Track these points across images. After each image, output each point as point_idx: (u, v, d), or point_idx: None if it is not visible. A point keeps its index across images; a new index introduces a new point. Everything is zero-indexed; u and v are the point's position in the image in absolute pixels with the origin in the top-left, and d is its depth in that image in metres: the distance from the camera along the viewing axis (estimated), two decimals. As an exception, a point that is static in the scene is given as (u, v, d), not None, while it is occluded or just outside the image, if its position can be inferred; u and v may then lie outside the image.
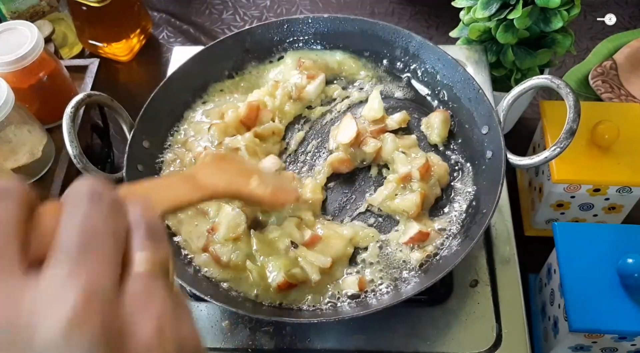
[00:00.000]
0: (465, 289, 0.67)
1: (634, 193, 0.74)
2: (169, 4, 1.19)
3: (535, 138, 0.86)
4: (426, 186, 0.69)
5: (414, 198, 0.68)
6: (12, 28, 0.81)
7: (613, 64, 0.95)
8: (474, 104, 0.73)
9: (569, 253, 0.66)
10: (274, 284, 0.63)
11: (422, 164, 0.69)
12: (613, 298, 0.63)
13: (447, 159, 0.74)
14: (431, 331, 0.65)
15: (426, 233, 0.66)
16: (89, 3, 0.96)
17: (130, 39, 1.07)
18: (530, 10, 0.77)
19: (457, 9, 0.87)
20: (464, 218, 0.69)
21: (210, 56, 0.79)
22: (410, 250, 0.66)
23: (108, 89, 0.74)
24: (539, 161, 0.65)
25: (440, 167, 0.71)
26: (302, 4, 1.18)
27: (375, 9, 1.15)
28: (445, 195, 0.71)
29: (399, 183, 0.69)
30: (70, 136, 0.66)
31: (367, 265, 0.66)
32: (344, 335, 0.65)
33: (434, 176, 0.70)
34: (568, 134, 0.63)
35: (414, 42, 0.78)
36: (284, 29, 0.82)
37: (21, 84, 0.81)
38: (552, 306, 0.70)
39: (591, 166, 0.74)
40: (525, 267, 0.70)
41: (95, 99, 0.70)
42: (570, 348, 0.68)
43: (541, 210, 0.80)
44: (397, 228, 0.69)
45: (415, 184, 0.69)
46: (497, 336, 0.64)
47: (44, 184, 0.80)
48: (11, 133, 0.76)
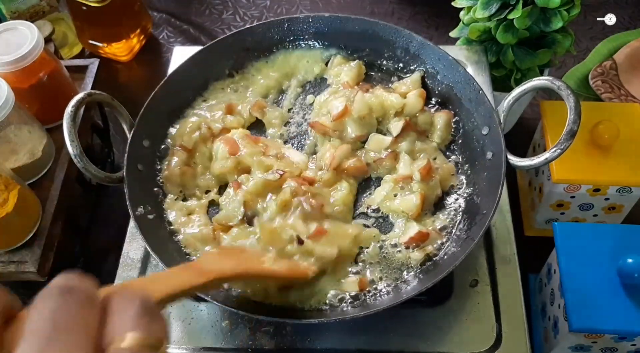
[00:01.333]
0: (466, 289, 0.67)
1: (634, 193, 0.74)
2: (169, 4, 1.19)
3: (536, 138, 0.86)
4: (426, 187, 0.69)
5: (414, 199, 0.68)
6: (12, 28, 0.81)
7: (613, 64, 0.95)
8: (474, 104, 0.73)
9: (569, 253, 0.66)
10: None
11: (423, 165, 0.69)
12: (613, 298, 0.63)
13: (447, 160, 0.74)
14: (431, 331, 0.65)
15: (426, 234, 0.66)
16: (89, 3, 0.96)
17: (130, 39, 1.07)
18: (530, 10, 0.77)
19: (457, 9, 0.87)
20: (464, 218, 0.69)
21: (210, 55, 0.80)
22: (410, 250, 0.66)
23: (108, 89, 0.74)
24: (539, 163, 0.65)
25: (445, 169, 0.71)
26: (302, 4, 1.18)
27: (375, 9, 1.15)
28: (445, 196, 0.71)
29: (396, 183, 0.69)
30: (70, 135, 0.66)
31: (368, 265, 0.66)
32: (345, 335, 0.65)
33: (435, 178, 0.70)
34: (569, 136, 0.63)
35: (415, 42, 0.78)
36: (285, 28, 0.82)
37: (21, 84, 0.81)
38: (552, 306, 0.70)
39: (591, 166, 0.74)
40: (525, 267, 0.70)
41: (96, 98, 0.70)
42: (570, 348, 0.68)
43: (541, 210, 0.80)
44: (396, 228, 0.69)
45: (415, 185, 0.69)
46: (497, 336, 0.64)
47: (44, 184, 0.80)
48: (11, 132, 0.76)
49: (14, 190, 0.72)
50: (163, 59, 1.10)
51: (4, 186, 0.71)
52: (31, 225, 0.75)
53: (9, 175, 0.72)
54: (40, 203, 0.77)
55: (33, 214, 0.76)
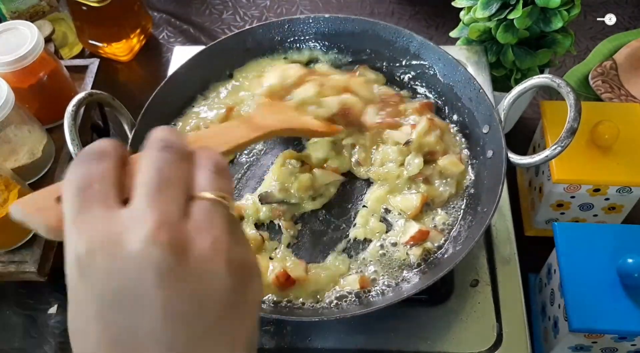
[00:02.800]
0: (466, 289, 0.67)
1: (634, 193, 0.74)
2: (169, 4, 1.19)
3: (536, 138, 0.86)
4: (431, 189, 0.69)
5: (414, 199, 0.68)
6: (12, 28, 0.81)
7: (613, 64, 0.95)
8: (474, 103, 0.73)
9: (569, 253, 0.66)
10: (272, 276, 0.63)
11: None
12: (613, 298, 0.63)
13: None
14: (432, 330, 0.65)
15: (426, 232, 0.66)
16: (89, 3, 0.96)
17: (130, 39, 1.06)
18: (530, 10, 0.77)
19: (457, 9, 0.87)
20: (464, 217, 0.69)
21: (211, 55, 0.79)
22: (410, 248, 0.66)
23: (108, 89, 0.73)
24: (539, 160, 0.65)
25: (453, 165, 0.71)
26: (302, 4, 1.18)
27: (375, 9, 1.16)
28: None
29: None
30: (71, 134, 0.66)
31: (368, 264, 0.66)
32: (345, 335, 0.65)
33: (443, 177, 0.70)
34: (569, 133, 0.63)
35: (415, 42, 0.78)
36: (285, 28, 0.82)
37: (21, 84, 0.81)
38: (552, 307, 0.70)
39: (591, 166, 0.74)
40: (525, 267, 0.70)
41: (97, 98, 0.70)
42: (570, 348, 0.68)
43: (541, 210, 0.80)
44: (396, 227, 0.69)
45: (422, 186, 0.69)
46: (498, 336, 0.64)
47: (44, 184, 0.80)
48: (11, 132, 0.76)
49: (14, 190, 0.72)
50: (163, 59, 1.10)
51: (4, 186, 0.71)
52: (31, 225, 0.75)
53: (9, 175, 0.72)
54: (40, 203, 0.77)
55: (33, 214, 0.76)
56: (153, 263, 0.28)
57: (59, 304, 0.79)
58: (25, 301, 0.79)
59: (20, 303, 0.79)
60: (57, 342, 0.76)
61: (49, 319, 0.78)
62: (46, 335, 0.76)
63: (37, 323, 0.77)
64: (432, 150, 0.71)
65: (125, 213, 0.30)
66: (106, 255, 0.29)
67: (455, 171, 0.71)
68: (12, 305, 0.79)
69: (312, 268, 0.65)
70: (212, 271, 0.30)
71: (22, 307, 0.79)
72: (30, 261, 0.73)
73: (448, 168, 0.71)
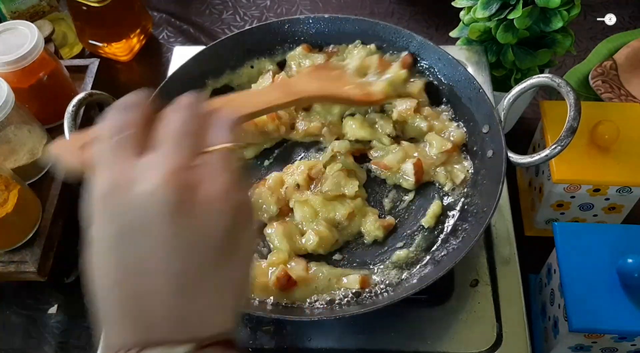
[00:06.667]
0: (466, 289, 0.67)
1: (634, 193, 0.74)
2: (169, 4, 1.19)
3: (536, 137, 0.86)
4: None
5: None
6: (12, 28, 0.81)
7: (613, 64, 0.95)
8: (474, 103, 0.73)
9: (569, 253, 0.66)
10: (272, 279, 0.63)
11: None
12: (613, 298, 0.63)
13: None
14: (432, 330, 0.65)
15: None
16: (89, 3, 0.96)
17: (130, 39, 1.07)
18: (530, 10, 0.77)
19: (457, 9, 0.87)
20: (464, 216, 0.69)
21: (211, 55, 0.79)
22: (409, 247, 0.66)
23: (108, 89, 0.74)
24: (539, 159, 0.65)
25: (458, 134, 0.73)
26: (302, 4, 1.18)
27: (375, 9, 1.15)
28: (444, 195, 0.71)
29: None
30: (71, 134, 0.66)
31: (369, 263, 0.66)
32: (345, 335, 0.65)
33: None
34: (569, 133, 0.63)
35: (415, 42, 0.78)
36: (285, 29, 0.82)
37: (21, 84, 0.81)
38: (552, 307, 0.70)
39: (591, 166, 0.74)
40: (525, 267, 0.70)
41: (97, 98, 0.70)
42: (570, 348, 0.68)
43: (541, 210, 0.80)
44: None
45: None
46: (498, 336, 0.64)
47: (44, 184, 0.80)
48: (11, 132, 0.76)
49: (14, 190, 0.72)
50: (163, 59, 1.10)
51: (4, 186, 0.71)
52: (31, 225, 0.75)
53: (9, 175, 0.72)
54: (40, 203, 0.77)
55: (33, 215, 0.76)
56: (163, 201, 0.33)
57: (59, 304, 0.79)
58: (25, 301, 0.80)
59: (20, 303, 0.79)
60: (57, 342, 0.76)
61: (49, 319, 0.78)
62: (46, 335, 0.77)
63: (37, 323, 0.78)
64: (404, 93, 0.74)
65: (146, 159, 0.34)
66: (125, 191, 0.33)
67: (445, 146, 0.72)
68: (12, 305, 0.79)
69: (312, 266, 0.65)
70: (217, 210, 0.34)
71: (22, 307, 0.79)
72: (30, 261, 0.73)
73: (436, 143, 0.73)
